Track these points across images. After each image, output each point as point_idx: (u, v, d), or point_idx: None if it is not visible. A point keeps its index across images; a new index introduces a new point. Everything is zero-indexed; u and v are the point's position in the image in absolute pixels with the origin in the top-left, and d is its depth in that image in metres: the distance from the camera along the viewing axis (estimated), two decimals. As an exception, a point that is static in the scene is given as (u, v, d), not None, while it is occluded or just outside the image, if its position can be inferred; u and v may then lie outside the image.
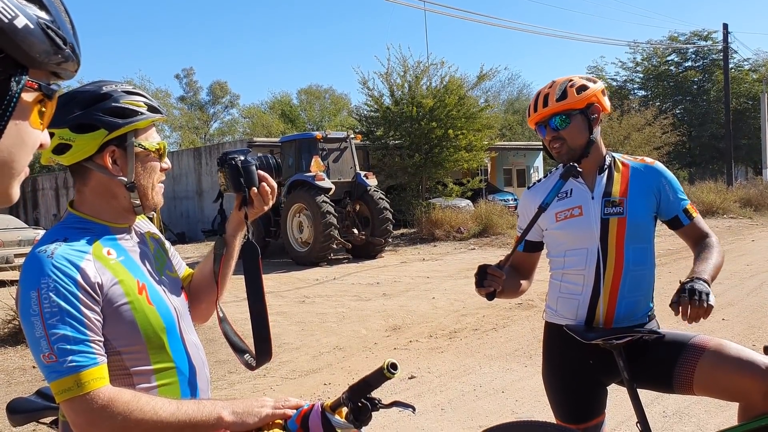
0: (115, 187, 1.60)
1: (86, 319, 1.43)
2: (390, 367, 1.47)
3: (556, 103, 2.53)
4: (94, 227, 1.59)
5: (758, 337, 6.42)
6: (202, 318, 1.92)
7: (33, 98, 0.82)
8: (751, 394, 2.30)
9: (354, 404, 1.50)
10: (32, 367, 6.69)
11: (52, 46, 0.81)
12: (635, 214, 2.54)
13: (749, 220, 21.07)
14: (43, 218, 29.50)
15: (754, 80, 38.37)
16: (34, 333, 1.40)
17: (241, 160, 1.78)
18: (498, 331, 7.58)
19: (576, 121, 2.54)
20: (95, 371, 1.41)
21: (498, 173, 30.49)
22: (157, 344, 1.58)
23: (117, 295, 1.51)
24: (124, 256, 1.59)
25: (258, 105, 55.26)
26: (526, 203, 2.75)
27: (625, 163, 2.65)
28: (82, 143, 1.51)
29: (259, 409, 1.50)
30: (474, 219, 18.68)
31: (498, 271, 2.40)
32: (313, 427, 1.47)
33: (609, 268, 2.52)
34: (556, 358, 2.66)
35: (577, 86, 2.54)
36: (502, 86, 52.49)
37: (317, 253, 14.06)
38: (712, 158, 38.99)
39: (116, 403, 1.40)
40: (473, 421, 4.72)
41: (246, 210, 1.80)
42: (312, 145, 15.14)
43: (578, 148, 2.55)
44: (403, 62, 20.20)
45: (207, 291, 1.87)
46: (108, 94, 1.56)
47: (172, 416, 1.43)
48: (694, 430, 4.24)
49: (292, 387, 5.82)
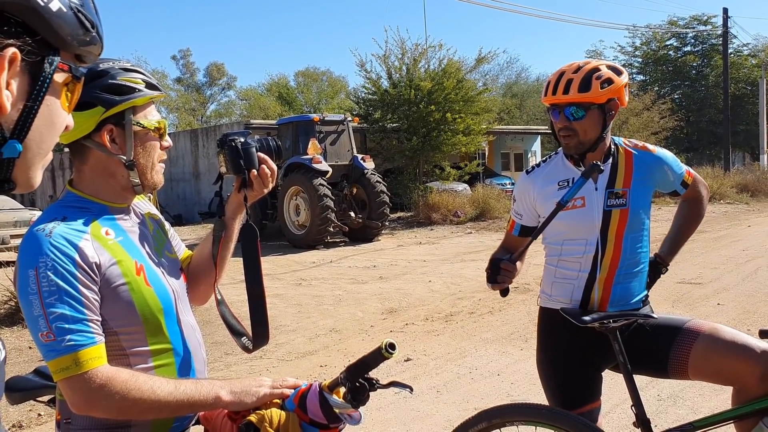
0: (114, 165, 1.58)
1: (84, 299, 1.43)
2: (388, 347, 1.47)
3: (578, 93, 2.41)
4: (92, 207, 1.58)
5: (753, 322, 6.44)
6: (200, 300, 1.91)
7: (63, 80, 0.84)
8: (745, 378, 2.31)
9: (352, 384, 1.50)
10: (29, 347, 6.70)
11: (82, 29, 0.84)
12: (636, 205, 2.53)
13: (746, 205, 21.10)
14: (39, 199, 29.39)
15: (753, 66, 38.25)
16: (32, 312, 1.39)
17: (241, 141, 1.75)
18: (494, 314, 7.60)
19: (592, 116, 2.44)
20: (93, 350, 1.41)
21: (496, 157, 30.44)
22: (154, 325, 1.58)
23: (115, 275, 1.50)
24: (122, 236, 1.58)
25: (255, 87, 55.11)
26: (524, 188, 2.68)
27: (628, 151, 2.58)
28: (80, 121, 1.49)
29: (257, 389, 1.50)
30: (471, 203, 18.68)
31: (511, 265, 2.38)
32: (311, 407, 1.47)
33: (607, 257, 2.51)
34: (550, 343, 2.65)
35: (603, 79, 2.42)
36: (500, 70, 52.32)
37: (314, 236, 14.04)
38: (710, 143, 38.97)
39: (114, 382, 1.40)
40: (468, 403, 4.74)
41: (245, 192, 1.77)
42: (309, 127, 15.07)
43: (587, 143, 2.48)
44: (401, 45, 20.11)
45: (206, 273, 1.86)
46: (105, 72, 1.54)
47: (170, 395, 1.43)
48: (688, 414, 4.26)
49: (288, 369, 5.84)
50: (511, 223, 2.76)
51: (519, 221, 2.72)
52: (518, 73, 54.11)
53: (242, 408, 1.49)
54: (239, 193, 1.79)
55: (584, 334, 2.46)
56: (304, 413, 1.48)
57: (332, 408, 1.47)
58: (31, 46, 0.78)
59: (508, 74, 53.68)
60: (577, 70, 2.45)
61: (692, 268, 9.72)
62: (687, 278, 8.91)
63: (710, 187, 21.72)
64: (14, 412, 4.89)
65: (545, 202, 2.58)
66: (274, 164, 1.80)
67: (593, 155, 2.52)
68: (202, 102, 55.07)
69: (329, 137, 15.61)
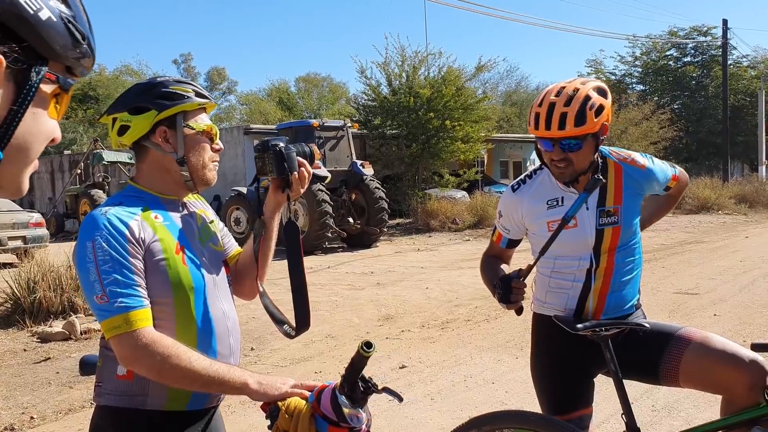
0: (168, 162, 1.80)
1: (134, 267, 1.64)
2: (364, 345, 1.57)
3: (575, 128, 2.35)
4: (146, 197, 1.80)
5: (749, 333, 6.44)
6: (247, 295, 2.08)
7: (51, 90, 0.84)
8: (734, 388, 2.31)
9: (348, 385, 1.60)
10: (23, 350, 6.69)
11: (72, 41, 0.83)
12: (628, 220, 2.53)
13: (744, 216, 21.12)
14: (38, 201, 29.38)
15: (753, 77, 38.34)
16: (89, 278, 1.61)
17: (282, 146, 1.92)
18: (490, 322, 7.59)
19: (587, 145, 2.41)
20: (141, 312, 1.61)
21: (494, 165, 30.49)
22: (184, 301, 1.74)
23: (156, 250, 1.70)
24: (169, 221, 1.79)
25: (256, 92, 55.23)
26: (511, 205, 2.65)
27: (617, 166, 2.54)
28: (138, 123, 1.75)
29: (281, 385, 1.66)
30: (469, 210, 18.69)
31: (522, 283, 2.37)
32: (324, 402, 1.59)
33: (600, 269, 2.52)
34: (543, 347, 2.66)
35: (596, 108, 2.37)
36: (500, 78, 52.51)
37: (312, 242, 14.03)
38: (709, 154, 39.00)
39: (158, 344, 1.59)
40: (462, 411, 4.72)
41: (289, 192, 1.94)
42: (309, 132, 15.08)
43: (582, 170, 2.46)
44: (401, 52, 20.18)
45: (250, 269, 2.03)
46: (160, 83, 1.79)
47: (204, 370, 1.60)
48: (683, 425, 4.24)
49: (283, 375, 5.82)
50: (497, 235, 2.75)
51: (507, 235, 2.72)
52: (518, 82, 54.23)
53: (265, 399, 1.63)
54: (282, 194, 1.95)
55: (577, 339, 2.46)
56: (319, 406, 1.60)
57: (340, 406, 1.57)
58: (17, 54, 0.78)
59: (508, 83, 53.88)
60: (568, 101, 2.37)
61: (689, 278, 9.72)
62: (684, 288, 8.90)
63: (708, 197, 21.91)
64: (6, 415, 4.88)
65: (535, 220, 2.57)
66: (311, 168, 1.98)
67: (585, 178, 2.50)
68: (203, 106, 55.03)
69: (329, 143, 15.63)
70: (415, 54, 20.30)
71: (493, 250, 2.80)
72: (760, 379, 2.28)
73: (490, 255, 2.79)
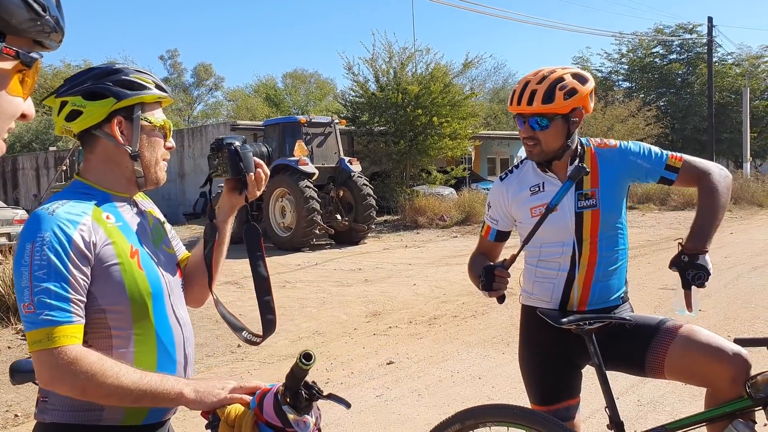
0: (120, 155, 1.68)
1: (72, 278, 1.49)
2: (303, 357, 1.48)
3: (542, 105, 2.42)
4: (96, 193, 1.66)
5: (734, 329, 6.50)
6: (196, 302, 1.96)
7: (11, 66, 0.81)
8: (718, 380, 2.34)
9: (291, 392, 1.52)
10: (8, 347, 6.63)
11: (30, 13, 0.80)
12: (608, 204, 2.54)
13: (729, 213, 21.24)
14: (23, 198, 29.12)
15: (737, 74, 38.60)
16: (21, 283, 1.47)
17: (238, 145, 1.82)
18: (477, 318, 7.61)
19: (555, 126, 2.46)
20: (68, 329, 1.46)
21: (482, 162, 30.54)
22: (141, 308, 1.62)
23: (108, 255, 1.57)
24: (122, 222, 1.66)
25: (243, 88, 54.96)
26: (498, 194, 2.71)
27: (591, 151, 2.59)
28: (92, 110, 1.62)
29: (220, 391, 1.55)
30: (457, 207, 18.72)
31: (505, 272, 2.39)
32: (266, 408, 1.51)
33: (584, 257, 2.54)
34: (531, 338, 2.70)
35: (567, 90, 2.42)
36: (487, 75, 52.55)
37: (299, 239, 14.00)
38: (695, 151, 39.19)
39: (81, 362, 1.44)
40: (449, 407, 4.73)
41: (246, 193, 1.84)
42: (296, 129, 15.04)
43: (551, 152, 2.51)
44: (389, 48, 20.15)
45: (199, 276, 1.91)
46: (120, 69, 1.68)
47: (134, 384, 1.47)
48: (668, 419, 4.27)
49: (269, 371, 5.81)
50: (486, 229, 2.79)
51: (495, 227, 2.75)
52: (505, 79, 54.28)
53: (203, 408, 1.54)
54: (237, 196, 1.85)
55: (564, 331, 2.48)
56: (261, 413, 1.51)
57: (283, 411, 1.50)
58: None
59: (495, 79, 53.99)
60: (541, 80, 2.44)
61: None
62: (669, 284, 8.96)
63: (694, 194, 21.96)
64: (-9, 412, 4.83)
65: (520, 207, 2.62)
66: (268, 169, 1.88)
67: (560, 163, 2.55)
68: (189, 102, 54.85)
69: (316, 139, 15.58)
70: (402, 50, 20.30)
71: (482, 247, 2.83)
72: (742, 372, 2.31)
73: (479, 253, 2.82)
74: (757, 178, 27.67)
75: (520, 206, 2.62)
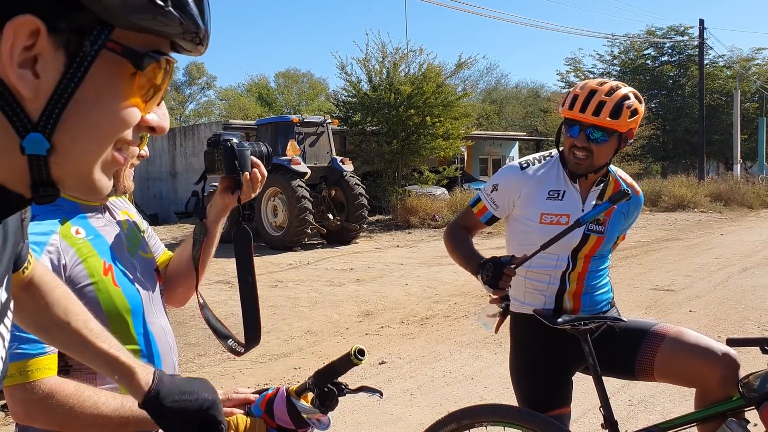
0: None
1: None
2: (357, 353, 1.42)
3: (608, 119, 2.35)
4: (64, 204, 1.54)
5: (724, 329, 6.53)
6: (178, 302, 1.88)
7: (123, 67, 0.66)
8: (707, 380, 2.36)
9: (320, 389, 1.46)
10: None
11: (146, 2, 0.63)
12: (611, 235, 2.58)
13: (719, 214, 21.40)
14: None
15: (728, 77, 38.81)
16: None
17: (235, 143, 1.72)
18: (469, 318, 7.61)
19: (611, 142, 2.42)
20: (41, 360, 1.36)
21: (474, 162, 30.59)
22: (121, 326, 1.54)
23: (80, 276, 1.47)
24: (93, 235, 1.55)
25: (235, 87, 54.96)
26: (515, 183, 2.57)
27: (617, 183, 2.60)
28: None
29: None
30: (449, 207, 18.73)
31: (512, 270, 2.30)
32: (278, 413, 1.43)
33: (575, 274, 2.56)
34: (523, 346, 2.66)
35: (632, 108, 2.38)
36: (480, 76, 52.60)
37: (291, 238, 13.98)
38: (685, 152, 39.43)
39: (57, 395, 1.35)
40: (442, 407, 4.73)
41: (239, 194, 1.75)
42: (288, 128, 15.01)
43: (597, 167, 2.48)
44: (382, 48, 20.16)
45: (185, 276, 1.82)
46: None
47: (115, 412, 1.38)
48: (659, 418, 4.29)
49: (261, 371, 5.80)
50: (481, 208, 2.65)
51: (492, 212, 2.62)
52: (498, 80, 54.49)
53: None
54: (230, 195, 1.75)
55: (556, 337, 2.49)
56: (272, 419, 1.44)
57: (300, 413, 1.43)
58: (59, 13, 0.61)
59: (488, 80, 54.12)
60: (610, 92, 2.38)
61: (665, 275, 9.83)
62: (660, 285, 9.01)
63: (684, 195, 22.23)
64: (-20, 411, 4.79)
65: (530, 206, 2.53)
66: (265, 170, 1.79)
67: (594, 176, 2.53)
68: (181, 101, 54.68)
69: (308, 139, 15.56)
70: (395, 50, 20.31)
71: (468, 222, 2.70)
72: (732, 372, 2.33)
73: (463, 226, 2.71)
74: (747, 179, 27.86)
75: (531, 205, 2.53)
